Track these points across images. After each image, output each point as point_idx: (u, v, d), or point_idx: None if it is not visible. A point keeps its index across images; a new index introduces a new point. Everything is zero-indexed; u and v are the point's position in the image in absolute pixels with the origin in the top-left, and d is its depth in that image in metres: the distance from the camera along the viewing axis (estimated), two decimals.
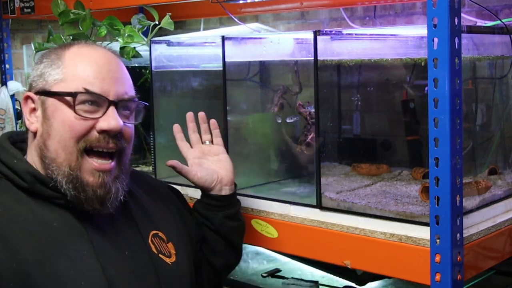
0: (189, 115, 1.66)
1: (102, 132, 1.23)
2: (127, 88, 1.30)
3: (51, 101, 1.24)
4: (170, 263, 1.32)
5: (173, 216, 1.44)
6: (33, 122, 1.27)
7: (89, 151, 1.23)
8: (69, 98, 1.22)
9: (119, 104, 1.26)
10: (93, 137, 1.23)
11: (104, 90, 1.24)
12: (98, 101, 1.24)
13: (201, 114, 1.66)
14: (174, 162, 1.55)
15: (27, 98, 1.28)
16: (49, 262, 1.15)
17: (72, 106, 1.22)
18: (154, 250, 1.30)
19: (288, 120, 2.00)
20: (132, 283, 1.23)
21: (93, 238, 1.21)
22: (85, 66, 1.25)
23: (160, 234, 1.35)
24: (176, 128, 1.65)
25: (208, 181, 1.54)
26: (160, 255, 1.31)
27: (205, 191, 1.56)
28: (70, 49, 1.28)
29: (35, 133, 1.26)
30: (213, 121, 1.65)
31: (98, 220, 1.25)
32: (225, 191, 1.56)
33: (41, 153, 1.24)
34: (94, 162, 1.23)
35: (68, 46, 1.30)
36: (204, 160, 1.59)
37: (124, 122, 1.27)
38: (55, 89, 1.24)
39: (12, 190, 1.22)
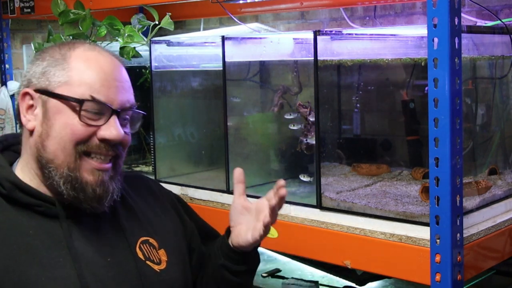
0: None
1: (103, 140, 1.22)
2: (129, 96, 1.28)
3: (53, 102, 1.22)
4: (158, 270, 1.29)
5: (171, 223, 1.41)
6: (30, 119, 1.24)
7: (87, 153, 1.23)
8: (74, 104, 1.21)
9: (121, 113, 1.25)
10: (94, 144, 1.22)
11: (109, 99, 1.23)
12: (102, 109, 1.23)
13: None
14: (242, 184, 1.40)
15: (26, 94, 1.25)
16: (19, 269, 1.14)
17: (77, 112, 1.21)
18: (141, 256, 1.28)
19: (287, 116, 1.99)
20: None
21: (72, 245, 1.20)
22: (92, 72, 1.23)
23: (151, 240, 1.32)
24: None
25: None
26: (147, 262, 1.28)
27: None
28: (75, 51, 1.26)
29: (31, 131, 1.25)
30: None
31: (81, 227, 1.24)
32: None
33: (38, 153, 1.23)
34: (94, 162, 1.23)
35: (73, 47, 1.27)
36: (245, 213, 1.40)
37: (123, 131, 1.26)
38: (60, 91, 1.22)
39: None
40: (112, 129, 1.23)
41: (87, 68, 1.23)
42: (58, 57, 1.25)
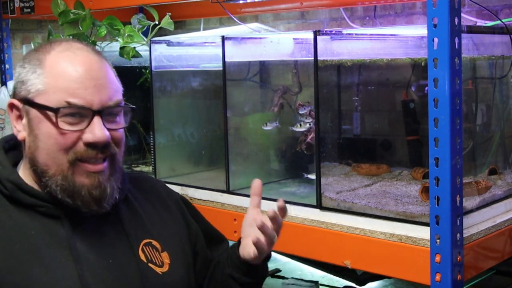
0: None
1: (88, 144, 1.18)
2: (112, 93, 1.22)
3: (34, 113, 1.20)
4: (161, 273, 1.28)
5: (176, 226, 1.40)
6: (20, 130, 1.23)
7: (79, 158, 1.20)
8: (51, 112, 1.17)
9: (104, 112, 1.20)
10: (81, 149, 1.18)
11: (87, 100, 1.18)
12: (81, 112, 1.18)
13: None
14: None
15: (12, 105, 1.23)
16: (21, 269, 1.14)
17: (54, 121, 1.17)
18: (143, 259, 1.27)
19: (264, 128, 1.99)
20: None
21: (74, 246, 1.19)
22: (66, 76, 1.19)
23: (154, 243, 1.31)
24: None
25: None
26: (150, 264, 1.27)
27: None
28: (50, 54, 1.22)
29: (24, 142, 1.23)
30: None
31: (83, 228, 1.23)
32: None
33: (32, 164, 1.21)
34: (87, 165, 1.20)
35: (49, 49, 1.23)
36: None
37: (111, 129, 1.21)
38: (38, 100, 1.19)
39: None
40: (95, 131, 1.18)
41: (61, 72, 1.19)
42: (35, 63, 1.22)
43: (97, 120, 1.19)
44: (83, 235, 1.23)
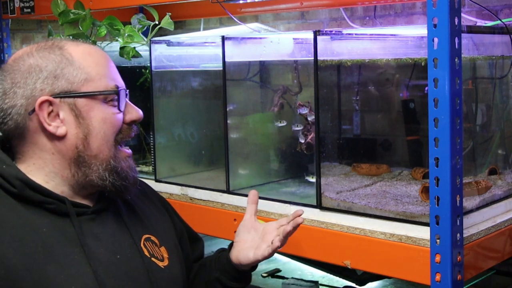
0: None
1: (131, 122, 1.30)
2: None
3: (82, 102, 1.23)
4: (163, 267, 1.31)
5: (166, 223, 1.44)
6: (58, 126, 1.23)
7: (118, 142, 1.29)
8: (104, 97, 1.25)
9: None
10: (126, 129, 1.29)
11: (121, 83, 1.30)
12: (120, 94, 1.28)
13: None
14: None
15: (44, 102, 1.22)
16: (38, 268, 1.15)
17: (110, 104, 1.26)
18: (146, 253, 1.29)
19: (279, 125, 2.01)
20: (124, 286, 1.23)
21: (85, 243, 1.21)
22: (100, 63, 1.28)
23: (153, 238, 1.34)
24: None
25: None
26: (152, 259, 1.30)
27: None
28: (70, 48, 1.26)
29: (61, 137, 1.23)
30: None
31: (90, 225, 1.25)
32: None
33: (76, 154, 1.23)
34: (126, 150, 1.30)
35: (61, 45, 1.27)
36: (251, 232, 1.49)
37: None
38: (85, 89, 1.23)
39: (1, 196, 1.20)
40: (136, 109, 1.30)
41: (95, 61, 1.27)
42: (60, 58, 1.24)
43: (129, 100, 1.31)
44: (91, 232, 1.24)
